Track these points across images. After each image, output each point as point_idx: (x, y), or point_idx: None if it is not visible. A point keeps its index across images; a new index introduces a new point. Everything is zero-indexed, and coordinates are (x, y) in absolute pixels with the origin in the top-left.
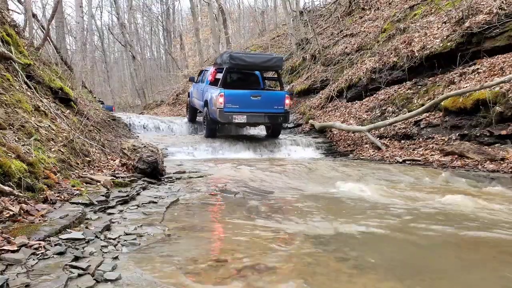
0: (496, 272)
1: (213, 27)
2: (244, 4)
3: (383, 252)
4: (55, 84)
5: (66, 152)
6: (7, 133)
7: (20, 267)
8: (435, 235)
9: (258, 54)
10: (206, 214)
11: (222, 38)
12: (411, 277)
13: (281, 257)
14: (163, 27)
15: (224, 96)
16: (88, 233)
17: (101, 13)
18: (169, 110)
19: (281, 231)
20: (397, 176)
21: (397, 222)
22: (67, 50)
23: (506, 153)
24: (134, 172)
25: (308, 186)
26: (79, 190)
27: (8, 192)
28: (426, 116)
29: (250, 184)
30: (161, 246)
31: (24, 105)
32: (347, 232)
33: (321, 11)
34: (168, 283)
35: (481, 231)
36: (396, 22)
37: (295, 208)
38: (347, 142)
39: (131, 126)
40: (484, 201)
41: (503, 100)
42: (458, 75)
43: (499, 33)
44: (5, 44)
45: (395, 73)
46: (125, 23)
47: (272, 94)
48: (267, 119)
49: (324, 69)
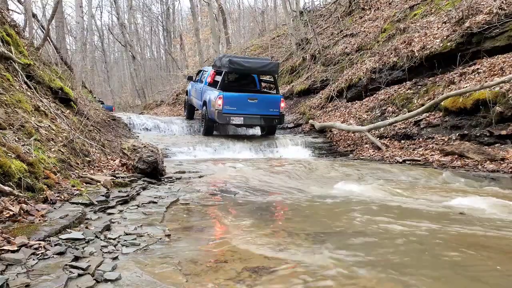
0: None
1: (213, 27)
2: (244, 4)
3: (383, 252)
4: (55, 84)
5: (66, 152)
6: (7, 133)
7: (20, 267)
8: (435, 235)
9: (256, 59)
10: (206, 214)
11: (222, 38)
12: (411, 277)
13: (281, 258)
14: (163, 27)
15: (223, 98)
16: (88, 233)
17: (101, 13)
18: (169, 110)
19: (281, 231)
20: (397, 176)
21: (397, 222)
22: (67, 50)
23: (506, 153)
24: (134, 172)
25: (308, 186)
26: (79, 190)
27: (8, 192)
28: (426, 116)
29: (250, 184)
30: (161, 246)
31: (24, 105)
32: (348, 232)
33: (321, 11)
34: (168, 283)
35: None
36: (396, 22)
37: (295, 208)
38: (347, 142)
39: (131, 126)
40: (490, 201)
41: (503, 100)
42: (458, 75)
43: (499, 33)
44: (5, 44)
45: (395, 73)
46: (125, 23)
47: (268, 98)
48: (263, 121)
49: (324, 69)
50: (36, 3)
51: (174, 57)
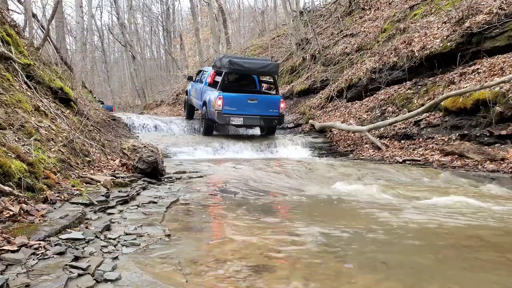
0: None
1: (213, 27)
2: (244, 4)
3: (383, 252)
4: (55, 84)
5: (66, 152)
6: (7, 133)
7: (20, 267)
8: (436, 235)
9: (256, 59)
10: (206, 214)
11: (222, 38)
12: (411, 277)
13: (281, 257)
14: (163, 27)
15: (223, 99)
16: (88, 233)
17: (101, 13)
18: (169, 110)
19: (281, 231)
20: (397, 176)
21: (396, 222)
22: (67, 50)
23: (506, 153)
24: (134, 172)
25: (308, 186)
26: (79, 190)
27: (8, 192)
28: (426, 116)
29: (250, 184)
30: (161, 246)
31: (24, 105)
32: (347, 232)
33: (321, 11)
34: (168, 283)
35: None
36: (396, 22)
37: (295, 208)
38: (347, 142)
39: (131, 126)
40: (486, 201)
41: (503, 100)
42: (458, 75)
43: (499, 33)
44: (5, 44)
45: (395, 73)
46: (125, 23)
47: (267, 98)
48: (262, 122)
49: (324, 69)
50: (36, 3)
51: (174, 57)
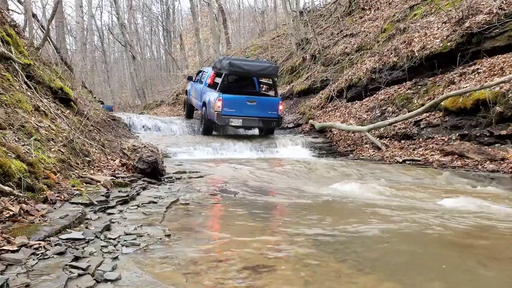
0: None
1: (213, 27)
2: (244, 4)
3: (383, 252)
4: (55, 84)
5: (66, 152)
6: (7, 133)
7: (20, 267)
8: (435, 235)
9: (256, 61)
10: (206, 214)
11: (222, 38)
12: (411, 277)
13: (281, 257)
14: (163, 27)
15: (222, 100)
16: (88, 233)
17: (101, 13)
18: (169, 110)
19: (281, 231)
20: (397, 176)
21: (396, 222)
22: (67, 50)
23: (506, 153)
24: (134, 172)
25: (308, 186)
26: (79, 190)
27: (8, 192)
28: (426, 116)
29: (250, 184)
30: (161, 246)
31: (24, 105)
32: (347, 233)
33: (321, 11)
34: (168, 283)
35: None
36: (396, 22)
37: (295, 208)
38: (347, 142)
39: (131, 126)
40: (485, 201)
41: (503, 100)
42: (458, 75)
43: (499, 33)
44: (5, 44)
45: (395, 73)
46: (125, 23)
47: (266, 100)
48: (261, 123)
49: (324, 69)
50: (36, 3)
51: (174, 57)
